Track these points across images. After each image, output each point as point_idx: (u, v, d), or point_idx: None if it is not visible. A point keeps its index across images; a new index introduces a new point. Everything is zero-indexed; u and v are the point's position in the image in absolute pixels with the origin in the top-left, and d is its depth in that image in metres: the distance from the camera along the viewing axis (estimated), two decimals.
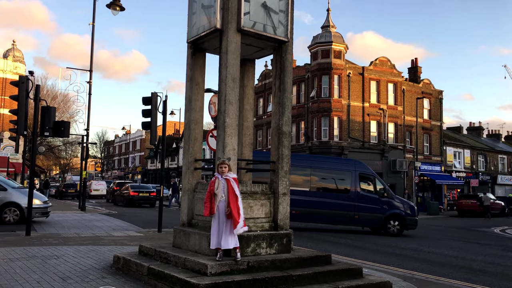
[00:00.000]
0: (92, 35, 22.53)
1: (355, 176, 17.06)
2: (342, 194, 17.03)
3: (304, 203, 16.52)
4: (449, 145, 44.08)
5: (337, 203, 16.76)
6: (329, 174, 17.44)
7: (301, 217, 16.78)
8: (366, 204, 16.83)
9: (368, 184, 17.36)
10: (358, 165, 17.90)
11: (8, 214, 14.62)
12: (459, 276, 8.88)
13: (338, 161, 21.73)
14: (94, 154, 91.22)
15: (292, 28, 7.61)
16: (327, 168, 17.54)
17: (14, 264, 7.52)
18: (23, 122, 11.55)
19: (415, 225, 17.19)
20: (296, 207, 16.46)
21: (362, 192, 17.01)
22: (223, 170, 6.26)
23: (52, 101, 39.54)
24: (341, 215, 16.78)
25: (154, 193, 30.44)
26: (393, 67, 38.52)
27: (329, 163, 18.53)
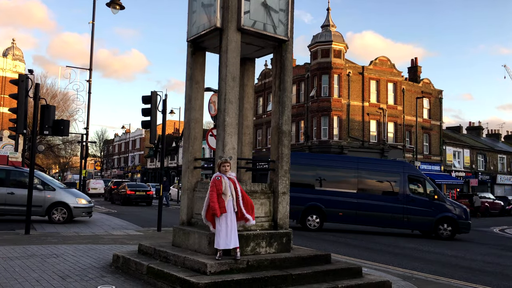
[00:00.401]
0: (92, 33, 22.48)
1: (404, 178, 16.64)
2: (390, 196, 16.65)
3: (349, 205, 16.39)
4: (448, 145, 44.10)
5: (385, 205, 16.39)
6: (376, 175, 17.08)
7: (345, 219, 16.65)
8: (415, 206, 16.35)
9: (417, 186, 16.91)
10: (407, 167, 17.66)
11: (56, 213, 14.98)
12: (459, 276, 8.89)
13: (386, 162, 21.24)
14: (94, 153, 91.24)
15: (292, 27, 7.60)
16: (375, 170, 17.19)
17: (14, 262, 7.51)
18: (23, 121, 11.53)
19: (468, 228, 16.61)
20: (340, 209, 16.50)
21: (411, 194, 16.57)
22: (226, 169, 6.26)
23: (51, 99, 39.52)
24: (389, 217, 16.38)
25: (151, 192, 31.05)
26: (393, 66, 38.53)
27: (377, 164, 18.24)
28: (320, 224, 16.70)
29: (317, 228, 16.54)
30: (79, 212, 15.30)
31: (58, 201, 14.98)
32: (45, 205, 14.82)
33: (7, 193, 14.50)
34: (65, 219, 14.99)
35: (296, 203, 16.25)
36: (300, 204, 16.48)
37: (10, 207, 14.59)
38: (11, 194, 14.54)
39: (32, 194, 11.88)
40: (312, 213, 16.73)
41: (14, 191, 14.59)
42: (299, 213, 16.66)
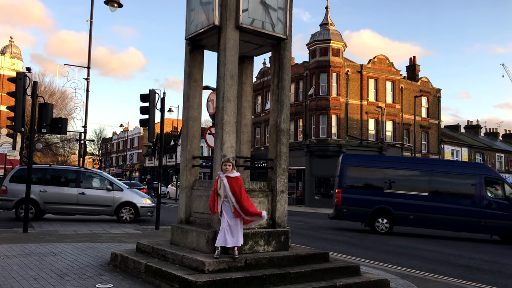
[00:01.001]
0: (90, 31, 22.42)
1: (480, 180, 15.95)
2: (465, 199, 16.01)
3: (421, 208, 15.91)
4: (446, 143, 44.17)
5: (460, 209, 15.74)
6: (450, 178, 16.48)
7: (416, 222, 16.17)
8: (494, 210, 15.64)
9: (495, 189, 16.31)
10: (484, 169, 17.21)
11: (125, 213, 15.52)
12: (457, 274, 8.90)
13: (461, 164, 20.73)
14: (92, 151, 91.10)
15: (291, 25, 7.58)
16: (449, 172, 16.60)
17: (11, 261, 7.50)
18: (21, 119, 11.49)
19: None
20: (411, 212, 16.01)
21: (489, 197, 15.87)
22: (227, 168, 6.26)
23: (49, 98, 39.43)
24: (464, 221, 15.67)
25: (144, 190, 31.33)
26: (391, 65, 38.54)
27: (451, 166, 17.62)
28: (390, 227, 16.17)
29: (386, 232, 16.06)
30: (144, 211, 15.80)
31: (126, 201, 15.59)
32: (114, 205, 15.49)
33: (78, 194, 15.23)
34: (132, 219, 15.58)
35: (364, 206, 16.22)
36: (368, 206, 16.20)
37: (81, 206, 15.27)
38: (82, 195, 15.25)
39: (30, 189, 11.86)
40: (381, 216, 16.25)
41: (85, 192, 15.34)
42: (367, 216, 16.29)
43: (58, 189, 15.31)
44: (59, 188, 15.37)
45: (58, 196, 15.12)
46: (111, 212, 15.54)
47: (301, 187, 37.11)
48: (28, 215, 11.85)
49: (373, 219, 16.32)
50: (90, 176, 16.20)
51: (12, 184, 15.27)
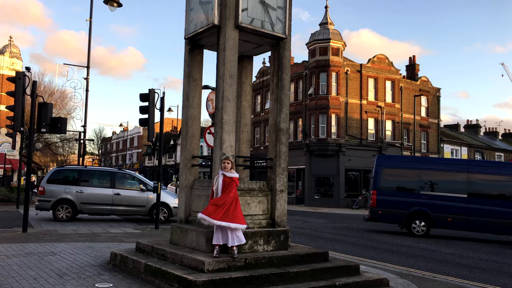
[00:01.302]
0: (90, 31, 22.43)
1: None
2: (507, 200, 15.45)
3: (459, 210, 15.49)
4: (446, 143, 44.19)
5: (501, 211, 15.17)
6: (490, 179, 15.97)
7: (454, 224, 15.75)
8: None
9: None
10: None
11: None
12: (456, 273, 8.91)
13: (501, 165, 20.18)
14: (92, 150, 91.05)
15: (290, 24, 7.58)
16: (488, 173, 16.08)
17: (11, 260, 7.50)
18: (20, 119, 11.49)
19: None
20: (450, 214, 15.60)
21: None
22: (226, 166, 6.27)
23: (49, 97, 39.43)
24: (506, 223, 15.06)
25: None
26: (391, 64, 38.55)
27: (491, 167, 17.07)
28: (427, 230, 15.77)
29: (423, 234, 15.66)
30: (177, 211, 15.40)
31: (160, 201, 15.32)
32: (148, 205, 15.62)
33: (113, 194, 15.44)
34: (165, 219, 15.59)
35: (400, 208, 15.89)
36: (404, 208, 15.88)
37: (116, 207, 15.46)
38: (118, 195, 15.46)
39: (29, 189, 11.87)
40: (417, 218, 15.87)
41: (120, 192, 15.54)
42: (403, 218, 15.94)
43: (94, 189, 15.54)
44: (95, 189, 15.59)
45: (94, 197, 15.38)
46: (145, 212, 15.70)
47: (301, 186, 37.12)
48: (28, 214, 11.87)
49: (410, 221, 15.89)
50: (124, 177, 16.42)
51: (50, 185, 15.41)
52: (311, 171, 35.47)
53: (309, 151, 35.39)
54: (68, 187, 15.28)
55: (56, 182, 15.49)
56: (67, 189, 15.24)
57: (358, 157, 35.12)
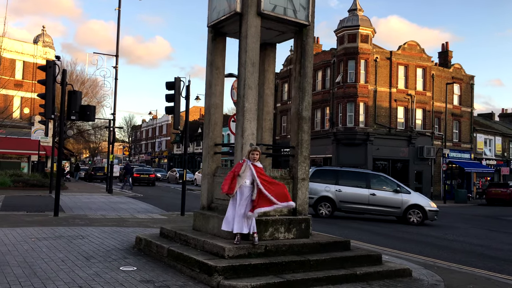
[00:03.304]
0: (118, 20, 22.78)
1: None
2: None
3: None
4: (479, 132, 42.86)
5: None
6: None
7: None
8: None
9: None
10: None
11: (412, 215, 15.88)
12: (483, 265, 8.72)
13: None
14: (122, 138, 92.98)
15: (314, 11, 7.48)
16: None
17: (41, 243, 7.80)
18: (51, 106, 11.85)
19: None
20: None
21: None
22: (255, 157, 6.26)
23: (81, 86, 40.40)
24: None
25: (153, 175, 38.91)
26: (422, 51, 37.51)
27: None
28: None
29: None
30: (432, 215, 15.87)
31: (414, 203, 15.87)
32: (402, 207, 15.90)
33: (369, 194, 16.04)
34: (419, 222, 15.71)
35: None
36: None
37: (372, 207, 16.07)
38: (373, 196, 16.02)
39: (60, 175, 12.23)
40: None
41: (375, 193, 16.06)
42: None
43: (351, 189, 16.20)
44: (352, 188, 16.23)
45: (352, 196, 16.11)
46: (400, 214, 15.96)
47: None
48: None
49: None
50: (378, 178, 16.89)
51: (312, 183, 15.77)
52: (338, 160, 35.12)
53: (336, 140, 35.01)
54: (328, 186, 16.25)
55: (318, 181, 16.32)
56: (327, 188, 16.20)
57: (387, 146, 34.53)
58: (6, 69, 29.83)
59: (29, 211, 13.10)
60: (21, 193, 20.59)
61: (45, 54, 35.88)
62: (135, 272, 5.98)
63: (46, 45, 37.50)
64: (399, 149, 35.37)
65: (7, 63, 31.46)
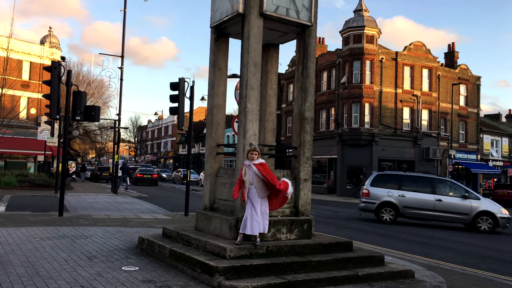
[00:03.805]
0: (124, 21, 22.90)
1: None
2: None
3: None
4: (486, 133, 42.59)
5: None
6: None
7: None
8: None
9: None
10: None
11: (482, 223, 15.15)
12: (487, 267, 8.66)
13: None
14: (128, 138, 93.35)
15: (316, 12, 7.47)
16: None
17: (45, 243, 7.85)
18: (56, 107, 11.92)
19: None
20: None
21: None
22: (253, 157, 6.28)
23: (87, 86, 40.61)
24: None
25: (156, 175, 39.46)
26: (428, 52, 37.34)
27: None
28: None
29: None
30: (504, 222, 15.11)
31: (484, 210, 15.17)
32: (471, 213, 15.18)
33: (435, 200, 15.35)
34: (490, 229, 14.99)
35: None
36: None
37: (438, 213, 15.37)
38: (439, 201, 15.33)
39: (65, 175, 12.29)
40: None
41: (442, 199, 15.36)
42: None
43: (415, 194, 15.65)
44: (416, 194, 15.68)
45: (416, 201, 15.54)
46: (468, 221, 15.25)
47: (333, 176, 36.79)
48: (64, 199, 12.29)
49: None
50: (444, 183, 16.33)
51: (373, 188, 15.99)
52: (343, 161, 35.05)
53: (342, 140, 34.93)
54: (391, 191, 15.77)
55: (379, 185, 16.04)
56: (389, 193, 15.73)
57: (392, 147, 34.41)
58: (13, 70, 30.05)
59: (34, 211, 13.19)
60: (27, 193, 20.74)
61: (52, 55, 36.10)
62: (137, 272, 6.01)
63: (53, 46, 37.74)
64: (405, 150, 35.23)
65: (14, 64, 31.69)
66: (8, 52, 26.57)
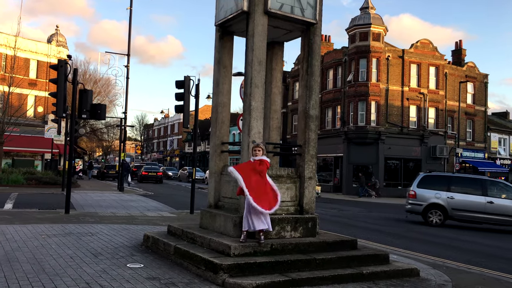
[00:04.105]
0: (130, 19, 22.97)
1: None
2: None
3: None
4: (493, 131, 42.29)
5: None
6: None
7: None
8: None
9: None
10: None
11: None
12: (493, 266, 8.60)
13: None
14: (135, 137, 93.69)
15: (321, 9, 7.45)
16: None
17: (51, 240, 7.90)
18: (62, 105, 11.98)
19: None
20: None
21: None
22: (257, 153, 6.30)
23: (94, 85, 40.82)
24: None
25: (160, 173, 39.96)
26: (435, 49, 37.11)
27: None
28: None
29: None
30: None
31: None
32: None
33: (486, 202, 14.83)
34: None
35: None
36: None
37: (489, 216, 14.81)
38: (490, 204, 14.80)
39: (71, 173, 12.37)
40: None
41: (493, 201, 14.84)
42: None
43: (464, 196, 15.17)
44: (465, 195, 15.20)
45: (465, 204, 15.04)
46: None
47: (339, 174, 36.72)
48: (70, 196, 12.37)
49: None
50: (496, 185, 15.85)
51: (420, 190, 15.62)
52: (349, 159, 34.96)
53: (348, 138, 34.84)
54: (439, 193, 15.28)
55: (426, 187, 15.63)
56: (437, 194, 15.25)
57: (399, 146, 34.26)
58: (20, 68, 30.28)
59: (41, 208, 13.29)
60: (33, 191, 20.90)
61: (59, 54, 36.30)
62: (141, 269, 6.03)
63: (60, 45, 37.94)
64: (411, 148, 35.07)
65: (21, 62, 31.91)
66: (15, 50, 26.76)
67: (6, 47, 29.44)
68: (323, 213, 16.87)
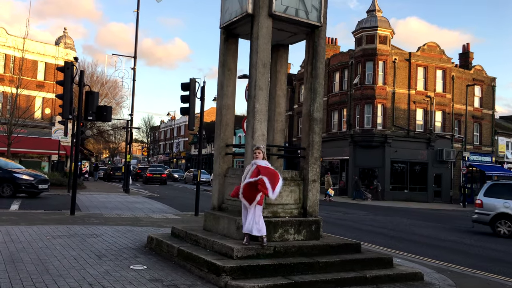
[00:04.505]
0: (137, 21, 23.10)
1: None
2: None
3: None
4: (501, 135, 41.96)
5: None
6: None
7: None
8: None
9: None
10: None
11: None
12: (498, 270, 8.53)
13: None
14: (141, 139, 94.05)
15: (326, 12, 7.46)
16: None
17: (56, 241, 7.95)
18: (68, 107, 12.06)
19: None
20: None
21: None
22: (257, 156, 6.32)
23: (101, 87, 41.05)
24: None
25: (165, 175, 40.75)
26: (442, 52, 36.93)
27: None
28: None
29: None
30: None
31: None
32: None
33: None
34: None
35: None
36: None
37: None
38: None
39: (77, 174, 12.40)
40: None
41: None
42: None
43: None
44: None
45: None
46: None
47: (345, 178, 36.60)
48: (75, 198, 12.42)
49: None
50: None
51: (488, 199, 14.89)
52: (355, 162, 34.85)
53: (354, 141, 34.74)
54: (508, 202, 14.43)
55: (494, 196, 14.87)
56: (506, 203, 14.41)
57: (405, 149, 34.10)
58: (28, 70, 30.51)
59: (47, 209, 13.36)
60: None
61: (66, 56, 36.54)
62: (144, 271, 6.05)
63: (67, 47, 38.21)
64: (418, 151, 34.89)
65: (29, 64, 32.16)
66: (23, 52, 26.98)
67: (15, 49, 29.68)
68: (328, 216, 16.82)
